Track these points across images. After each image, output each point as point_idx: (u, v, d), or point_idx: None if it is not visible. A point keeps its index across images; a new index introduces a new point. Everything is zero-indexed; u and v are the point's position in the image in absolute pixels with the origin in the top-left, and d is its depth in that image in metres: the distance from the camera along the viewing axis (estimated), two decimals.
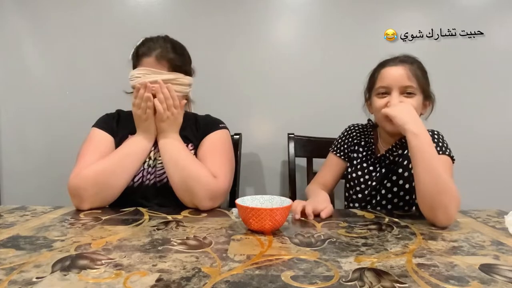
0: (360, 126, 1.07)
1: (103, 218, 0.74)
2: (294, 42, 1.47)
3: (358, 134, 1.05)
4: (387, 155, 0.95)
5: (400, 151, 0.93)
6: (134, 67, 0.91)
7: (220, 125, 0.99)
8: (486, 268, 0.48)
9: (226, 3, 1.46)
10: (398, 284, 0.43)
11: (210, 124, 0.98)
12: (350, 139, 1.05)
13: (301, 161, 1.37)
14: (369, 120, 1.04)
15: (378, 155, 0.97)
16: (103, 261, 0.49)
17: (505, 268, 0.48)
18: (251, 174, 1.49)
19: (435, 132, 0.92)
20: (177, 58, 0.90)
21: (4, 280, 0.43)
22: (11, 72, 1.51)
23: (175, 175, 0.85)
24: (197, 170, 0.85)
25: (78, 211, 0.81)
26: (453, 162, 0.87)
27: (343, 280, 0.44)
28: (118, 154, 0.87)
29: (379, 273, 0.46)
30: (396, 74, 0.88)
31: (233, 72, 1.48)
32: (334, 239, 0.60)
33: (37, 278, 0.44)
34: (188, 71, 0.94)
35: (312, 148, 1.32)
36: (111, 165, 0.84)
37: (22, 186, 1.53)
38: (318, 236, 0.62)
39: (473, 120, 1.44)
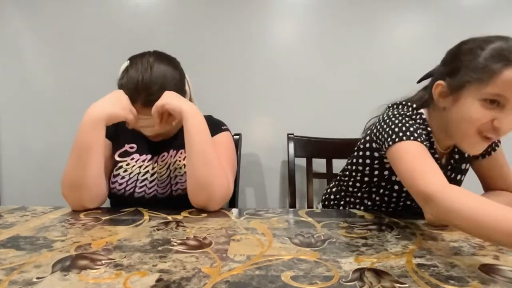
0: (414, 116, 0.77)
1: (103, 218, 0.74)
2: (294, 43, 1.47)
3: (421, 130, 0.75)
4: (445, 162, 0.81)
5: (456, 156, 0.81)
6: None
7: (223, 127, 0.98)
8: (486, 268, 0.48)
9: (226, 4, 1.46)
10: (398, 284, 0.43)
11: (213, 126, 0.96)
12: (422, 133, 0.73)
13: (301, 161, 1.37)
14: (413, 107, 0.78)
15: (443, 163, 0.81)
16: (103, 262, 0.49)
17: (505, 268, 0.48)
18: (251, 174, 1.49)
19: None
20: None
21: (4, 280, 0.43)
22: (11, 73, 1.51)
23: (203, 175, 0.79)
24: (222, 174, 0.81)
25: (78, 211, 0.81)
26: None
27: (343, 280, 0.44)
28: (74, 151, 0.79)
29: (379, 273, 0.46)
30: None
31: (233, 73, 1.48)
32: (334, 239, 0.60)
33: (37, 278, 0.44)
34: (179, 91, 0.87)
35: (311, 148, 1.32)
36: (71, 164, 0.79)
37: (22, 186, 1.53)
38: (318, 236, 0.62)
39: None
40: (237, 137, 1.27)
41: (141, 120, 0.82)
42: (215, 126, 0.97)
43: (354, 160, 0.90)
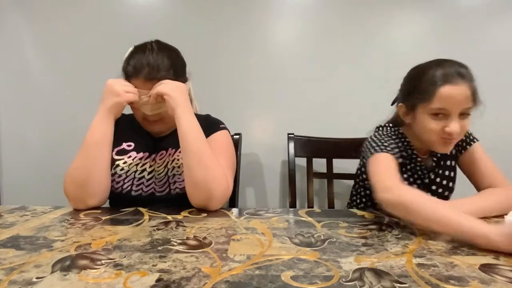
0: (393, 133, 0.94)
1: (103, 218, 0.74)
2: (294, 42, 1.47)
3: (400, 143, 0.91)
4: (429, 160, 0.93)
5: (438, 155, 0.93)
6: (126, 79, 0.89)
7: (221, 126, 0.98)
8: (486, 268, 0.48)
9: (225, 3, 1.46)
10: (398, 284, 0.43)
11: (210, 125, 0.96)
12: (399, 144, 0.90)
13: (301, 161, 1.37)
14: (391, 127, 0.95)
15: (423, 162, 0.92)
16: (103, 261, 0.49)
17: (505, 268, 0.48)
18: (251, 174, 1.49)
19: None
20: (167, 73, 0.85)
21: (4, 280, 0.43)
22: (11, 72, 1.51)
23: (199, 175, 0.80)
24: (219, 173, 0.81)
25: (78, 211, 0.81)
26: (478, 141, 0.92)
27: (343, 280, 0.44)
28: (83, 146, 0.83)
29: (379, 273, 0.46)
30: (459, 97, 0.78)
31: (233, 72, 1.48)
32: (334, 239, 0.60)
33: (37, 278, 0.44)
34: (180, 77, 0.90)
35: (312, 148, 1.32)
36: (79, 158, 0.82)
37: (22, 186, 1.53)
38: (318, 236, 0.62)
39: (473, 120, 1.44)
40: (237, 137, 1.27)
41: (142, 97, 0.84)
42: (213, 125, 0.97)
43: (358, 179, 1.05)
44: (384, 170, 0.80)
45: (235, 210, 0.82)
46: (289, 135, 1.34)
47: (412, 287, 0.42)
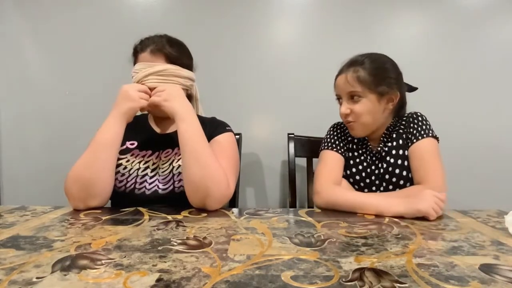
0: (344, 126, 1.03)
1: (103, 218, 0.74)
2: (295, 43, 1.47)
3: (348, 132, 1.01)
4: (379, 149, 0.96)
5: (389, 144, 0.95)
6: (134, 65, 0.92)
7: (227, 128, 0.98)
8: (486, 268, 0.48)
9: (226, 4, 1.46)
10: (398, 284, 0.43)
11: (216, 126, 0.97)
12: (344, 137, 1.03)
13: (301, 161, 1.37)
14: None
15: (374, 151, 0.98)
16: (103, 261, 0.49)
17: (505, 268, 0.48)
18: (251, 174, 1.49)
19: (418, 114, 0.95)
20: (172, 50, 0.90)
21: (4, 280, 0.43)
22: (11, 72, 1.51)
23: (197, 173, 0.80)
24: (217, 171, 0.81)
25: (78, 211, 0.81)
26: (438, 141, 0.91)
27: (343, 280, 0.44)
28: (91, 146, 0.84)
29: (379, 273, 0.46)
30: (340, 83, 0.93)
31: (233, 73, 1.48)
32: (334, 239, 0.60)
33: (37, 278, 0.44)
34: (186, 65, 0.93)
35: (312, 148, 1.32)
36: (86, 158, 0.82)
37: (22, 186, 1.53)
38: (318, 236, 0.62)
39: (474, 121, 1.44)
40: (237, 137, 1.27)
41: (148, 68, 0.87)
42: (219, 126, 0.97)
43: None
44: (320, 171, 0.94)
45: (235, 210, 0.82)
46: (289, 135, 1.34)
47: (412, 287, 0.42)
